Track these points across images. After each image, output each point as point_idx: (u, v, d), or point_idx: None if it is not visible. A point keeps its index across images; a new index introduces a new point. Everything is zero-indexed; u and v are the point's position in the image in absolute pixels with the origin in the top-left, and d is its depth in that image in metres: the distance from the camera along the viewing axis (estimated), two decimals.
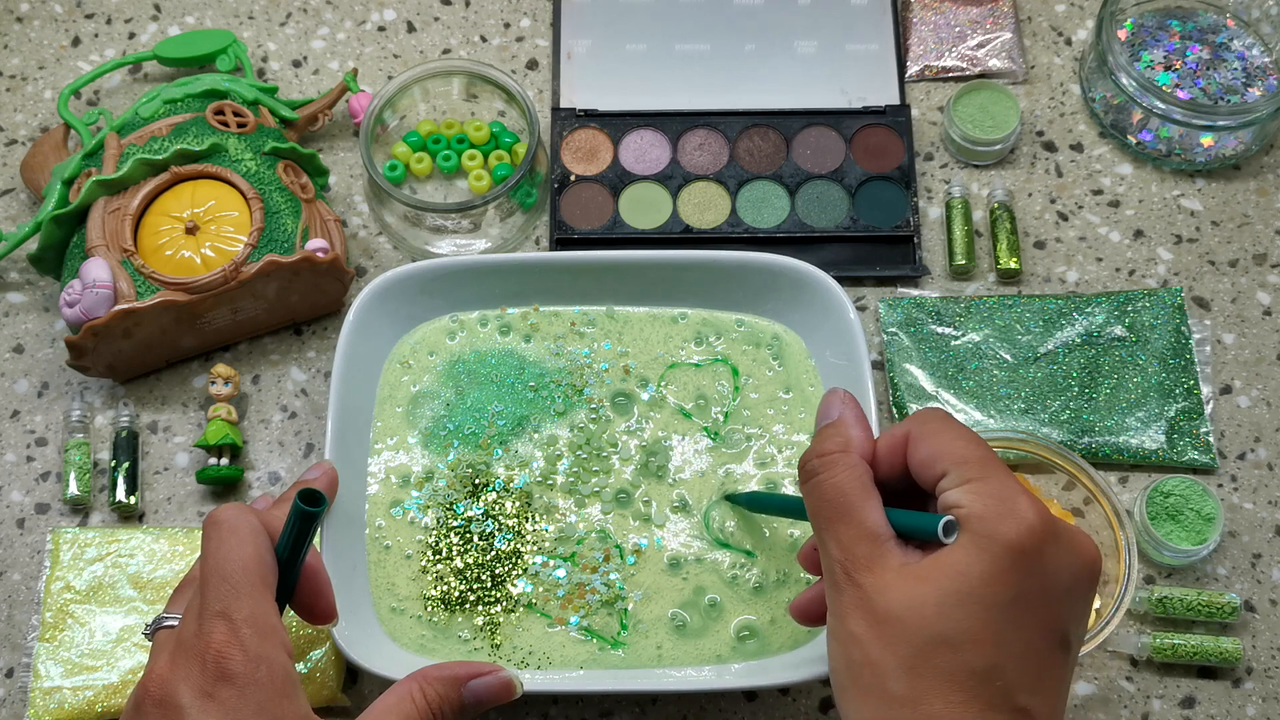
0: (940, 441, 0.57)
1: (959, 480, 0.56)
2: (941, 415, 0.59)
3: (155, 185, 0.84)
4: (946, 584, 0.54)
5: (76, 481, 0.83)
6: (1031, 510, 0.54)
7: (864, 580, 0.56)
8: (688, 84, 0.96)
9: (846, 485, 0.58)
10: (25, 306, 0.89)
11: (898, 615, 0.54)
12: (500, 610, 0.76)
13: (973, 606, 0.53)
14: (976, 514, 0.54)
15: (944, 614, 0.53)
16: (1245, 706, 0.78)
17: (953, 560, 0.54)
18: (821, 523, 0.59)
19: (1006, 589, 0.53)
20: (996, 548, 0.53)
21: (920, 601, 0.54)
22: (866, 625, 0.55)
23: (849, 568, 0.56)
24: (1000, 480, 0.55)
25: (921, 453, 0.58)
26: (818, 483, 0.59)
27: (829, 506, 0.58)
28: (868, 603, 0.55)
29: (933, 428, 0.58)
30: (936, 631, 0.53)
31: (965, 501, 0.55)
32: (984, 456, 0.56)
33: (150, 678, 0.59)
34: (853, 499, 0.58)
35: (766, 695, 0.78)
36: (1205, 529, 0.79)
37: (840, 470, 0.59)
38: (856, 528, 0.57)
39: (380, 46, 0.98)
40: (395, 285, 0.81)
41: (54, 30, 0.99)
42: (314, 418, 0.86)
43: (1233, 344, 0.87)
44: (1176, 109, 0.88)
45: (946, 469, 0.56)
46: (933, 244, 0.90)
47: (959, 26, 0.97)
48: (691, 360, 0.83)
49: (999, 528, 0.54)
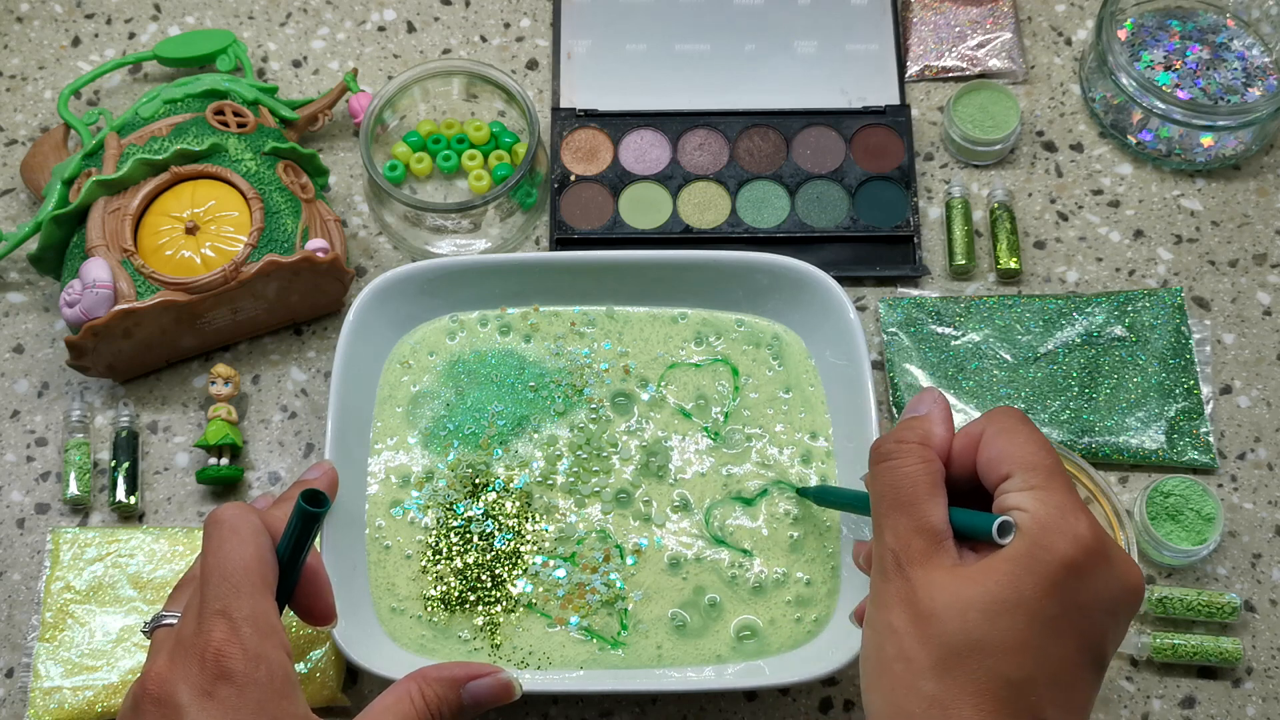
0: (1011, 443, 0.57)
1: (1023, 485, 0.55)
2: (1017, 415, 0.58)
3: (155, 185, 0.84)
4: (994, 590, 0.53)
5: (76, 481, 0.83)
6: (1088, 528, 0.54)
7: (914, 574, 0.55)
8: (688, 84, 0.95)
9: (916, 475, 0.57)
10: (25, 306, 0.89)
11: (940, 614, 0.53)
12: (500, 610, 0.76)
13: (1018, 616, 0.52)
14: (1037, 521, 0.54)
15: (988, 620, 0.53)
16: (1245, 706, 0.78)
17: (1004, 567, 0.53)
18: (883, 509, 0.58)
19: (1052, 603, 0.53)
20: (1050, 559, 0.53)
21: (965, 604, 0.53)
22: (908, 619, 0.54)
23: (901, 559, 0.56)
24: (1063, 492, 0.55)
25: (991, 451, 0.57)
26: (889, 467, 0.58)
27: (894, 493, 0.57)
28: (913, 596, 0.54)
29: (1006, 426, 0.57)
30: (978, 636, 0.53)
31: (1027, 506, 0.54)
32: (1052, 466, 0.56)
33: (149, 676, 0.58)
34: (920, 491, 0.57)
35: (766, 695, 0.78)
36: (1205, 529, 0.79)
37: (913, 460, 0.58)
38: (917, 520, 0.56)
39: (380, 46, 0.98)
40: (395, 285, 0.81)
41: (54, 30, 0.99)
42: (314, 418, 0.86)
43: (1233, 344, 0.87)
44: (1176, 109, 0.88)
45: (1012, 471, 0.56)
46: (933, 244, 0.90)
47: (959, 26, 0.97)
48: (691, 360, 0.83)
49: (1054, 540, 0.53)
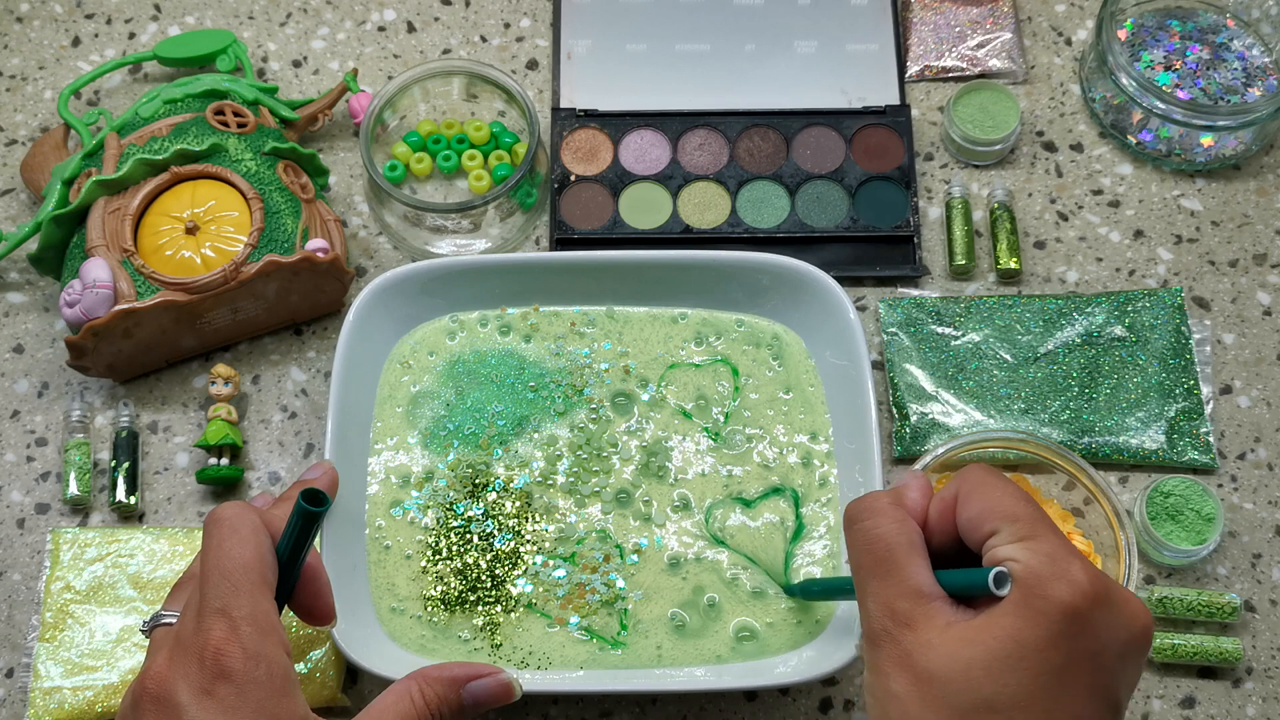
0: (990, 498, 0.55)
1: (1011, 537, 0.54)
2: (989, 470, 0.57)
3: (155, 185, 0.84)
4: (996, 646, 0.52)
5: (76, 481, 0.83)
6: (1084, 573, 0.52)
7: (905, 637, 0.54)
8: (688, 84, 0.95)
9: (892, 537, 0.56)
10: (25, 306, 0.89)
11: (943, 676, 0.52)
12: (500, 610, 0.76)
13: (1023, 671, 0.51)
14: (1031, 571, 0.52)
15: (993, 677, 0.51)
16: (1245, 706, 0.78)
17: (1003, 622, 0.52)
18: (863, 574, 0.56)
19: (1058, 654, 0.51)
20: (1050, 609, 0.51)
21: (967, 663, 0.52)
22: (908, 684, 0.53)
23: (889, 624, 0.54)
24: (1053, 540, 0.53)
25: (971, 510, 0.56)
26: (862, 529, 0.57)
27: (871, 557, 0.56)
28: (909, 660, 0.53)
29: (981, 482, 0.56)
30: (985, 695, 0.51)
31: (1019, 557, 0.53)
32: (1035, 514, 0.55)
33: (148, 675, 0.58)
34: (898, 552, 0.55)
35: (766, 695, 0.78)
36: (1205, 529, 0.79)
37: (887, 521, 0.56)
38: (900, 583, 0.55)
39: (380, 46, 0.98)
40: (395, 285, 0.81)
41: (54, 30, 0.99)
42: (314, 418, 0.86)
43: (1233, 344, 0.87)
44: (1176, 109, 0.88)
45: (997, 526, 0.54)
46: (933, 244, 0.90)
47: (959, 26, 0.97)
48: (692, 360, 0.83)
49: (1052, 589, 0.52)
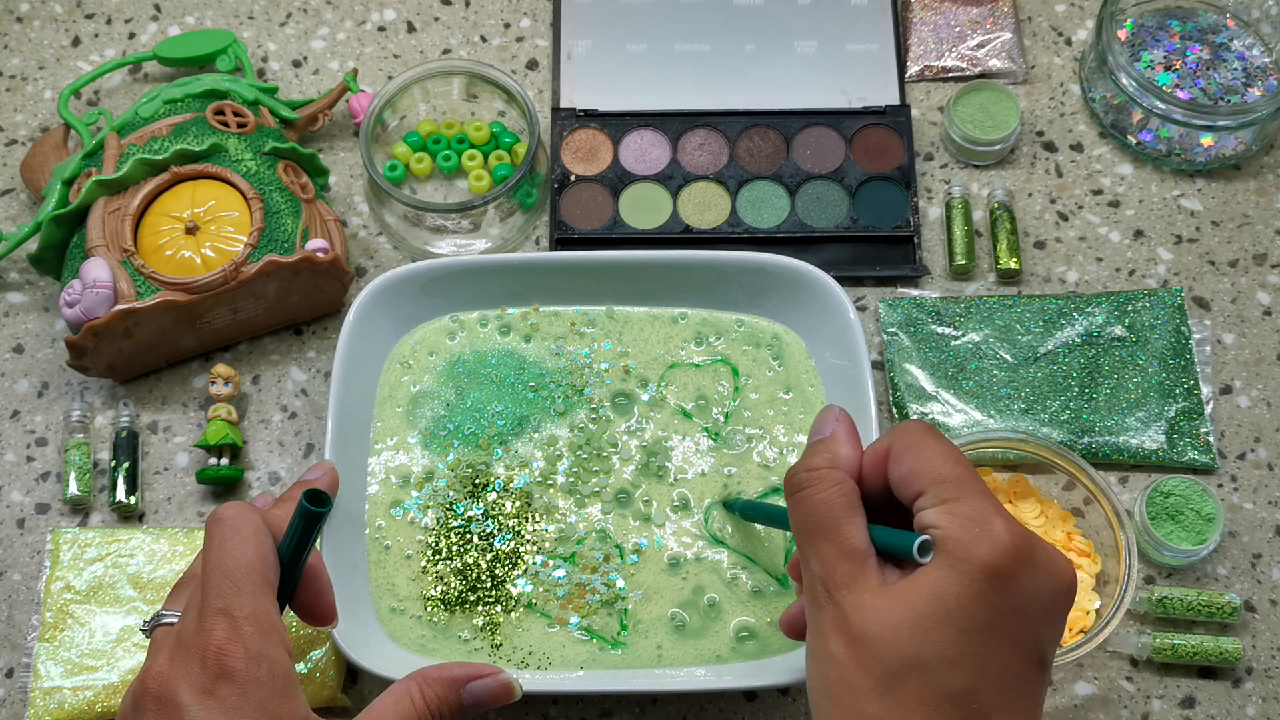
0: (919, 459, 0.57)
1: (935, 500, 0.55)
2: (921, 429, 0.58)
3: (155, 185, 0.84)
4: (922, 606, 0.53)
5: (76, 481, 0.83)
6: (1006, 532, 0.54)
7: (843, 599, 0.55)
8: (688, 84, 0.95)
9: (831, 501, 0.58)
10: (25, 306, 0.89)
11: (874, 636, 0.54)
12: (500, 610, 0.76)
13: (949, 629, 0.53)
14: (952, 536, 0.54)
15: (920, 636, 0.53)
16: (1245, 706, 0.78)
17: (929, 582, 0.54)
18: (805, 538, 0.58)
19: (983, 611, 0.53)
20: (972, 569, 0.53)
21: (896, 623, 0.53)
22: (844, 645, 0.55)
23: (829, 585, 0.56)
24: (976, 501, 0.55)
25: (900, 470, 0.57)
26: (803, 497, 0.59)
27: (813, 522, 0.58)
28: (845, 622, 0.55)
29: (912, 442, 0.58)
30: (912, 654, 0.53)
31: (941, 522, 0.55)
32: (960, 475, 0.56)
33: (149, 675, 0.58)
34: (837, 515, 0.57)
35: (766, 695, 0.78)
36: (1205, 529, 0.79)
37: (825, 486, 0.58)
38: (839, 545, 0.56)
39: (380, 46, 0.98)
40: (395, 285, 0.81)
41: (54, 30, 0.98)
42: (314, 418, 0.86)
43: (1233, 344, 0.87)
44: (1176, 109, 0.88)
45: (924, 488, 0.56)
46: (933, 244, 0.90)
47: (959, 26, 0.97)
48: (692, 360, 0.83)
49: (974, 550, 0.53)
